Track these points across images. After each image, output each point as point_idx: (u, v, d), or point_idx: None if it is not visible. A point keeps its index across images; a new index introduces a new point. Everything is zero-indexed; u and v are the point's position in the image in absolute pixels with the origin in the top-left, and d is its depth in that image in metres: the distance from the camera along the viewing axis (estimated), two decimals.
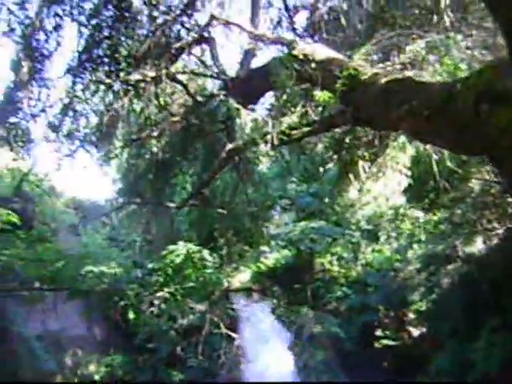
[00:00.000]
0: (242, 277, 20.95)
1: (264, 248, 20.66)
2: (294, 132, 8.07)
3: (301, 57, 8.42)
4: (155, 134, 13.23)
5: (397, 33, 10.32)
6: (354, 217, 19.29)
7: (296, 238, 20.02)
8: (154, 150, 13.90)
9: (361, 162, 11.79)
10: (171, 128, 13.18)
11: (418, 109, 5.64)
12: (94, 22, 12.76)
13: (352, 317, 18.88)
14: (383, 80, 6.71)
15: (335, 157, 12.55)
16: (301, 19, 14.02)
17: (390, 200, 15.45)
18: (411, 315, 18.94)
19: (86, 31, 12.78)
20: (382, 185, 13.58)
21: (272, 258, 21.45)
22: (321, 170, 15.11)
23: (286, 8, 13.50)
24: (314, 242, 19.98)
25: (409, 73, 7.65)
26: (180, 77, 13.67)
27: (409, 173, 14.18)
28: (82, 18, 12.75)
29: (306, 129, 8.05)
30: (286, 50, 8.95)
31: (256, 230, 17.28)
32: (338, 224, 20.58)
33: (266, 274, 20.95)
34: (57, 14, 12.53)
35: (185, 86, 13.43)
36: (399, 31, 10.55)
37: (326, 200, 20.08)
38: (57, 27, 12.70)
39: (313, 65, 8.23)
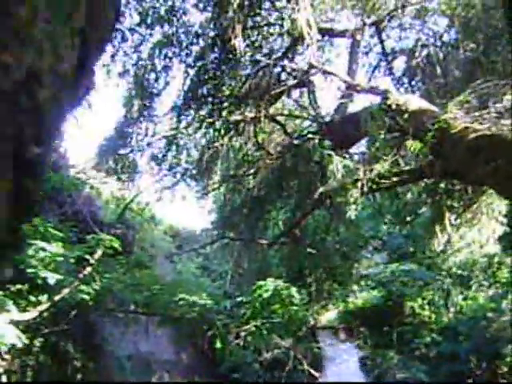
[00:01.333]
0: (330, 315, 21.08)
1: (353, 288, 20.74)
2: (383, 181, 8.40)
3: (394, 107, 8.75)
4: (252, 171, 13.95)
5: (495, 80, 10.41)
6: (445, 262, 18.97)
7: (386, 280, 19.97)
8: (250, 186, 14.60)
9: (454, 207, 11.88)
10: (267, 166, 13.83)
11: (504, 168, 5.84)
12: (199, 63, 13.76)
13: (441, 365, 18.43)
14: (472, 135, 6.93)
15: (428, 201, 12.68)
16: (399, 63, 14.38)
17: (484, 247, 15.19)
18: (505, 368, 18.23)
19: (192, 72, 13.82)
20: (477, 231, 13.49)
21: (361, 298, 21.45)
22: (413, 213, 15.19)
23: (384, 52, 13.89)
24: (404, 285, 19.85)
25: (506, 121, 7.78)
26: (278, 117, 14.41)
27: (505, 220, 13.98)
28: (189, 60, 13.82)
29: (395, 178, 8.37)
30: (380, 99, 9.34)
31: (346, 269, 17.50)
32: (430, 268, 20.30)
33: (353, 314, 20.94)
34: (166, 56, 13.65)
35: (282, 126, 14.12)
36: (498, 78, 10.63)
37: (418, 243, 19.90)
38: (166, 68, 13.83)
39: (405, 115, 8.54)
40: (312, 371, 14.88)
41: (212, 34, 13.45)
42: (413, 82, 13.51)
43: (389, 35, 14.56)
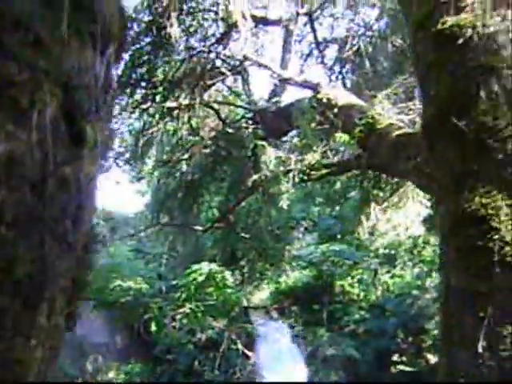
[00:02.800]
0: (262, 295, 21.80)
1: (285, 268, 21.48)
2: (313, 172, 8.97)
3: (324, 101, 9.31)
4: (186, 156, 14.28)
5: None
6: (373, 244, 19.98)
7: (317, 260, 20.83)
8: (184, 170, 14.94)
9: (381, 194, 12.64)
10: (201, 151, 14.19)
11: (423, 166, 6.46)
12: (134, 47, 13.88)
13: (369, 340, 19.52)
14: (395, 132, 7.57)
15: (357, 186, 13.43)
16: (331, 52, 15.01)
17: (409, 229, 16.17)
18: (429, 342, 19.50)
19: (126, 56, 13.92)
20: (403, 214, 14.36)
21: (292, 277, 22.26)
22: (342, 196, 15.97)
23: (316, 41, 14.44)
24: (334, 265, 20.78)
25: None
26: (213, 103, 14.75)
27: (428, 203, 14.96)
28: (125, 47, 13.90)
29: (324, 170, 8.95)
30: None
31: (278, 250, 18.18)
32: (358, 249, 21.31)
33: (285, 294, 21.74)
34: None
35: (217, 112, 14.48)
36: None
37: (348, 225, 20.83)
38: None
39: (335, 109, 9.11)
40: (245, 351, 15.52)
41: (146, 19, 13.59)
42: (343, 71, 14.14)
43: (322, 23, 15.15)
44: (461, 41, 2.76)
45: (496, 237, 2.32)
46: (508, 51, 2.66)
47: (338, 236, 22.23)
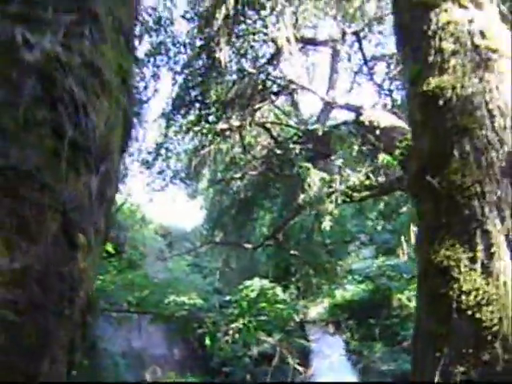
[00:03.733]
0: (319, 309, 22.04)
1: (341, 282, 21.65)
2: (355, 194, 9.29)
3: (366, 123, 9.63)
4: (239, 174, 14.83)
5: None
6: None
7: (373, 274, 20.92)
8: (237, 187, 15.50)
9: None
10: (253, 169, 14.71)
11: None
12: (187, 70, 14.59)
13: None
14: None
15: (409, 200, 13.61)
16: (380, 68, 15.23)
17: None
18: None
19: (179, 79, 14.65)
20: None
21: (349, 291, 22.39)
22: (395, 211, 16.11)
23: (365, 58, 14.71)
24: (391, 279, 20.81)
25: None
26: (263, 120, 15.25)
27: None
28: (177, 68, 14.64)
29: (366, 193, 9.25)
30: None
31: (333, 264, 18.44)
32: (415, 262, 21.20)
33: (341, 308, 21.88)
34: (155, 65, 14.45)
35: (268, 130, 14.98)
36: None
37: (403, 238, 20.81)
38: (155, 76, 14.63)
39: (377, 131, 9.41)
40: (297, 366, 15.83)
41: (199, 43, 14.26)
42: (392, 87, 14.35)
43: (371, 40, 15.40)
44: (441, 102, 3.11)
45: (455, 286, 2.64)
46: (482, 112, 2.99)
47: (395, 250, 22.18)
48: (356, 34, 13.84)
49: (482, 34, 3.32)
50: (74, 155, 1.63)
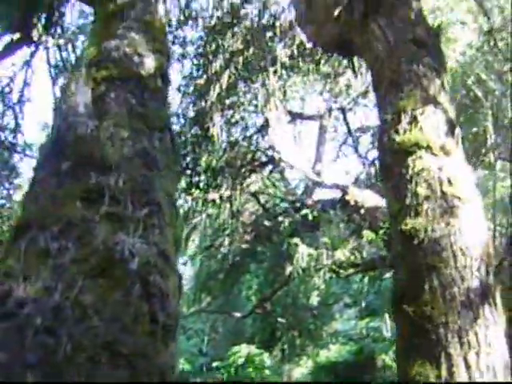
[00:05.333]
0: (303, 370, 22.52)
1: (326, 343, 22.23)
2: (341, 271, 10.13)
3: (352, 203, 10.54)
4: (227, 241, 15.62)
5: None
6: None
7: (357, 335, 21.59)
8: (225, 252, 16.25)
9: None
10: (242, 236, 15.52)
11: None
12: (180, 140, 15.51)
13: None
14: None
15: None
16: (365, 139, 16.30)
17: None
18: None
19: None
20: None
21: (333, 351, 22.94)
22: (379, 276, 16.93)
23: (350, 131, 15.80)
24: (375, 341, 21.48)
25: None
26: (252, 189, 16.14)
27: None
28: None
29: (351, 270, 10.11)
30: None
31: (318, 326, 19.10)
32: None
33: (326, 369, 22.39)
34: None
35: (256, 198, 15.86)
36: None
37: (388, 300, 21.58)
38: None
39: (362, 211, 10.31)
40: None
41: (192, 114, 15.24)
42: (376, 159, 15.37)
43: (356, 112, 16.52)
44: (416, 241, 3.98)
45: None
46: (448, 252, 3.86)
47: (379, 311, 22.89)
48: (342, 109, 14.91)
49: (450, 182, 4.22)
50: (165, 333, 2.43)
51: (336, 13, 6.02)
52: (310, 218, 11.25)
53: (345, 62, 14.02)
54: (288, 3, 12.15)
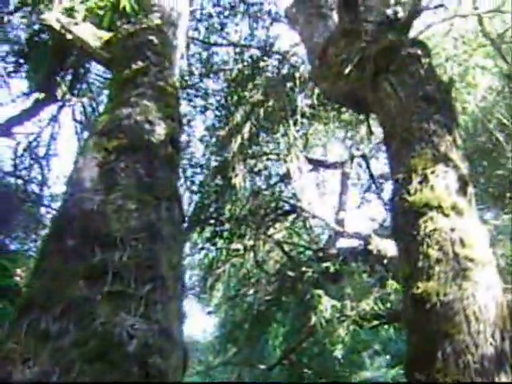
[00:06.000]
0: None
1: None
2: (365, 323, 9.98)
3: (375, 252, 10.43)
4: (252, 290, 15.55)
5: None
6: None
7: None
8: (250, 301, 16.15)
9: None
10: (267, 285, 15.44)
11: None
12: (203, 190, 15.66)
13: None
14: None
15: None
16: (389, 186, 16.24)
17: None
18: None
19: (195, 198, 15.70)
20: None
21: None
22: None
23: (373, 178, 15.76)
24: None
25: None
26: (276, 237, 16.11)
27: None
28: (194, 187, 15.73)
29: (375, 322, 9.94)
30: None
31: (345, 376, 18.70)
32: None
33: None
34: None
35: (281, 246, 15.82)
36: None
37: None
38: None
39: (384, 260, 10.20)
40: None
41: (214, 164, 15.41)
42: None
43: (378, 158, 16.53)
44: (428, 306, 3.92)
45: None
46: (460, 317, 3.78)
47: None
48: (364, 156, 14.92)
49: (462, 243, 4.17)
50: None
51: (347, 70, 6.07)
52: (332, 270, 11.16)
53: None
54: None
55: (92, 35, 6.69)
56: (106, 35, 6.61)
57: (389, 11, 7.82)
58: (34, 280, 3.00)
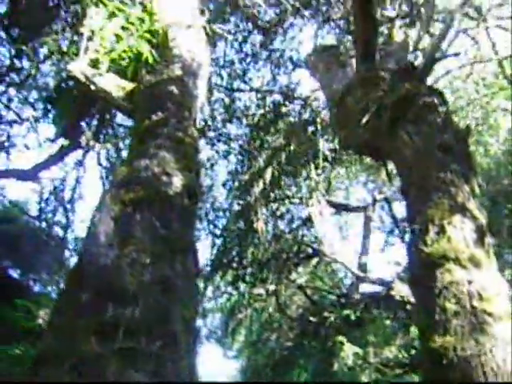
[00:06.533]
0: None
1: None
2: (388, 371, 9.79)
3: (397, 298, 10.30)
4: (274, 336, 15.40)
5: None
6: None
7: None
8: (272, 346, 15.98)
9: None
10: (289, 330, 15.28)
11: None
12: (225, 233, 15.68)
13: None
14: None
15: None
16: None
17: None
18: None
19: (218, 241, 15.72)
20: None
21: None
22: None
23: (395, 221, 15.67)
24: None
25: None
26: (299, 281, 16.02)
27: None
28: (217, 231, 15.77)
29: (398, 370, 9.75)
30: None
31: None
32: None
33: None
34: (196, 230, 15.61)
35: (303, 291, 15.71)
36: None
37: None
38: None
39: (407, 306, 10.05)
40: None
41: (237, 208, 15.45)
42: None
43: (400, 201, 16.43)
44: (445, 361, 3.85)
45: None
46: (478, 373, 3.71)
47: None
48: (386, 199, 14.87)
49: (480, 296, 4.11)
50: None
51: (365, 119, 6.12)
52: (353, 317, 11.05)
53: None
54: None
55: (115, 86, 6.84)
56: (129, 85, 6.76)
57: (407, 58, 7.93)
58: (48, 334, 3.04)
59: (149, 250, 3.53)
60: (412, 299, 10.20)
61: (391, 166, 7.39)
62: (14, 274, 15.29)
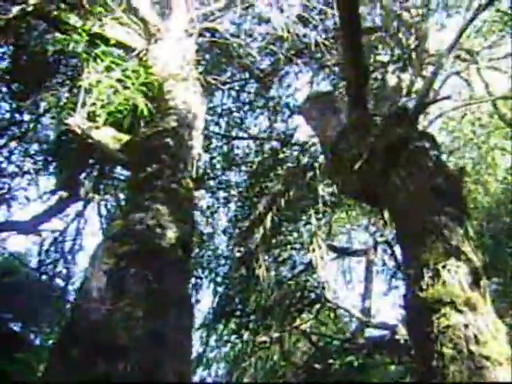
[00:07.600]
0: None
1: None
2: None
3: (402, 342, 10.19)
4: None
5: None
6: None
7: None
8: None
9: None
10: (294, 377, 15.06)
11: None
12: (227, 281, 15.62)
13: None
14: None
15: None
16: None
17: None
18: None
19: (220, 289, 15.64)
20: None
21: None
22: None
23: (398, 265, 15.58)
24: None
25: None
26: (303, 327, 15.86)
27: None
28: (218, 279, 15.71)
29: None
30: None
31: None
32: None
33: None
34: (197, 277, 15.57)
35: (308, 337, 15.54)
36: None
37: None
38: (196, 287, 15.68)
39: (413, 351, 9.93)
40: None
41: (238, 254, 15.43)
42: None
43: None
44: None
45: None
46: None
47: None
48: (387, 242, 14.85)
49: (476, 340, 4.09)
50: None
51: (358, 165, 6.19)
52: (357, 363, 10.92)
53: None
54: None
55: (112, 138, 6.93)
56: (125, 137, 6.86)
57: (400, 103, 8.06)
58: None
59: (141, 304, 3.55)
60: None
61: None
62: (15, 327, 15.20)
